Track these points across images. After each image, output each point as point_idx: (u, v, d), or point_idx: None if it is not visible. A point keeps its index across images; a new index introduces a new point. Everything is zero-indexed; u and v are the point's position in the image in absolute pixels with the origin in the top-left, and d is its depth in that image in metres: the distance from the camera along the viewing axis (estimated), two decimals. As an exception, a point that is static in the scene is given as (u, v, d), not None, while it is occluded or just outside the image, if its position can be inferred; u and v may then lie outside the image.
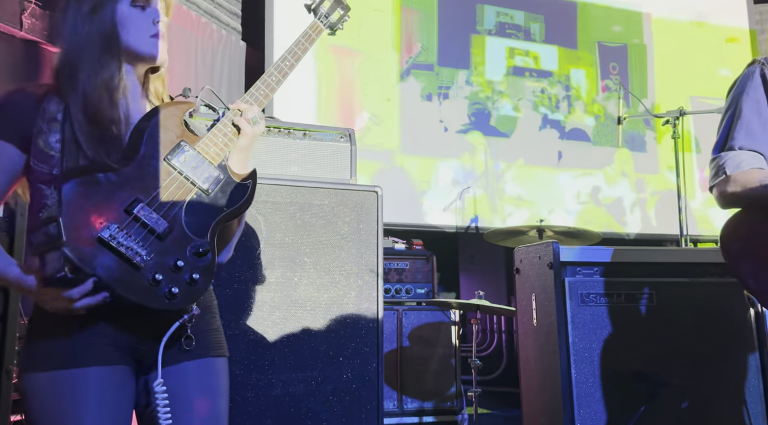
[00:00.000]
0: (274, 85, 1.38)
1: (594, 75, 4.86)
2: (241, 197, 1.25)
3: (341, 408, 2.04)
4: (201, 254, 1.16)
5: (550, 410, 2.10)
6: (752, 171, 1.52)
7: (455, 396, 3.10)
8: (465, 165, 4.31)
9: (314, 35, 1.51)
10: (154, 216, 1.13)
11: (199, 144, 1.23)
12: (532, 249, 2.26)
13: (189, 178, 1.19)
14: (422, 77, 4.46)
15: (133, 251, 1.09)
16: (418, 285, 3.32)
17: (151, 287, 1.10)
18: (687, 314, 2.08)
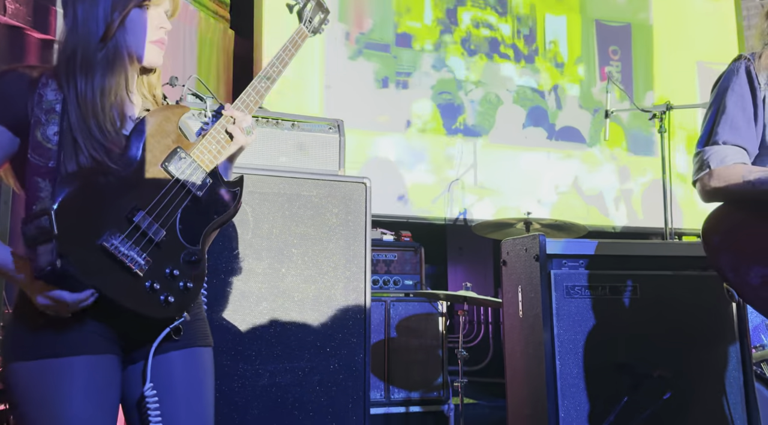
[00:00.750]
0: (263, 91, 1.40)
1: (592, 61, 4.64)
2: (230, 205, 1.27)
3: (328, 398, 2.06)
4: (194, 262, 1.18)
5: (535, 400, 2.12)
6: (736, 166, 1.54)
7: (442, 387, 3.13)
8: (434, 161, 4.32)
9: (300, 41, 1.53)
10: (153, 225, 1.14)
11: (193, 150, 1.24)
12: (519, 242, 2.27)
13: (185, 186, 1.20)
14: (375, 59, 4.16)
15: (132, 260, 1.10)
16: (406, 277, 3.34)
17: (149, 295, 1.12)
18: (670, 307, 2.11)
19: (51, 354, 1.09)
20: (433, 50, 4.35)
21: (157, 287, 1.12)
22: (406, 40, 4.29)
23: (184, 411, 1.20)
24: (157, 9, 1.22)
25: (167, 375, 1.20)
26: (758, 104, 1.56)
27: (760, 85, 1.56)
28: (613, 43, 4.79)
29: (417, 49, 4.30)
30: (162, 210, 1.16)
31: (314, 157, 2.28)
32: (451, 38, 4.40)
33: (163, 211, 1.16)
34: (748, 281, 1.46)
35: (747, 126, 1.56)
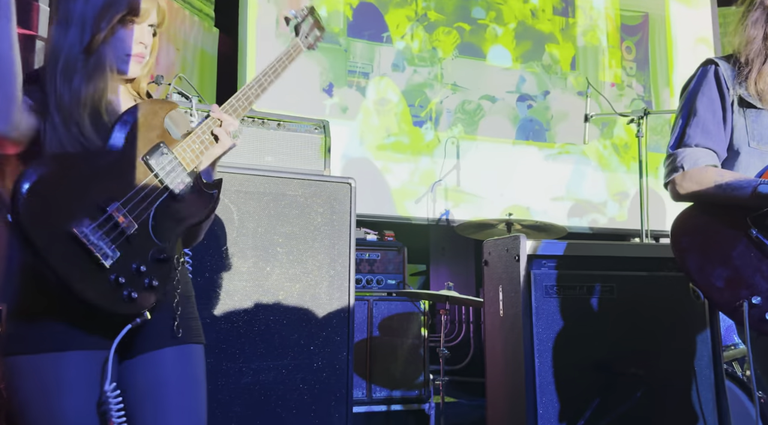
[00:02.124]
0: (253, 98, 1.41)
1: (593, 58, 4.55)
2: (206, 206, 1.26)
3: (311, 397, 2.08)
4: (162, 260, 1.16)
5: (514, 397, 2.17)
6: (708, 169, 1.59)
7: (423, 385, 3.16)
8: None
9: (295, 54, 1.56)
10: (126, 217, 1.12)
11: (176, 147, 1.23)
12: (500, 242, 2.32)
13: (163, 181, 1.19)
14: (323, 53, 3.84)
15: (101, 251, 1.08)
16: (389, 276, 3.37)
17: (113, 289, 1.09)
18: (645, 307, 2.17)
19: (46, 349, 1.10)
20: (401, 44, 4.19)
21: (122, 282, 1.09)
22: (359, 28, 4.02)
23: (176, 407, 1.21)
24: (142, 24, 1.23)
25: (162, 371, 1.21)
26: (727, 108, 1.61)
27: (729, 90, 1.61)
28: (628, 38, 4.71)
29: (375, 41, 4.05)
30: (137, 204, 1.14)
31: (300, 157, 2.30)
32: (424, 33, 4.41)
33: (138, 205, 1.14)
34: (713, 283, 1.50)
35: (717, 129, 1.61)
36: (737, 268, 1.48)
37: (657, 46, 4.88)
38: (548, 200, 4.52)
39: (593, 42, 4.73)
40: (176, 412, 1.21)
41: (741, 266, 1.48)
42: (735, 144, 1.62)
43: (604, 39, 4.75)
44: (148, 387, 1.18)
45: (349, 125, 4.08)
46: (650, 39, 4.87)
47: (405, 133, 4.26)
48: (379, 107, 4.16)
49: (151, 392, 1.19)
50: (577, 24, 4.70)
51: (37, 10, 2.73)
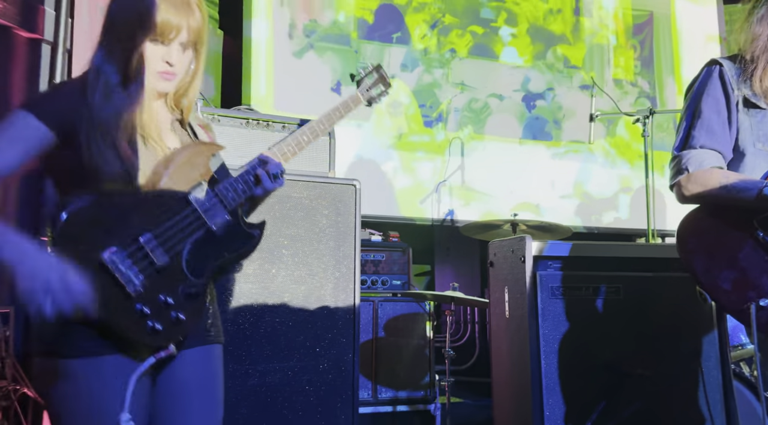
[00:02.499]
0: (304, 144, 1.45)
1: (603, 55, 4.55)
2: (245, 244, 1.28)
3: (317, 398, 2.08)
4: (192, 295, 1.17)
5: (520, 398, 2.16)
6: (713, 170, 1.58)
7: (429, 386, 3.16)
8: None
9: (353, 106, 1.61)
10: (158, 249, 1.14)
11: (218, 187, 1.26)
12: (506, 243, 2.31)
13: (201, 218, 1.21)
14: (330, 54, 3.97)
15: (127, 278, 1.10)
16: (394, 277, 3.37)
17: (137, 318, 1.11)
18: (651, 308, 2.16)
19: (87, 352, 1.11)
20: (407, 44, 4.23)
21: (146, 312, 1.11)
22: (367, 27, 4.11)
23: (198, 404, 1.23)
24: (170, 44, 1.23)
25: (188, 369, 1.22)
26: (732, 108, 1.60)
27: (734, 90, 1.60)
28: (635, 36, 4.70)
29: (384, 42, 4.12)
30: (171, 236, 1.16)
31: (305, 158, 2.30)
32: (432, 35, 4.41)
33: (172, 237, 1.16)
34: (720, 285, 1.49)
35: (722, 130, 1.60)
36: (744, 270, 1.48)
37: (662, 44, 4.86)
38: (556, 198, 4.50)
39: (601, 42, 4.72)
40: (198, 409, 1.23)
41: (748, 268, 1.47)
42: (740, 145, 1.61)
43: (613, 38, 4.74)
44: (174, 383, 1.20)
45: (360, 125, 4.08)
46: (655, 37, 4.85)
47: (414, 133, 4.26)
48: (390, 108, 4.16)
49: (176, 388, 1.20)
50: (585, 24, 4.69)
51: (43, 14, 2.74)
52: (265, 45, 3.86)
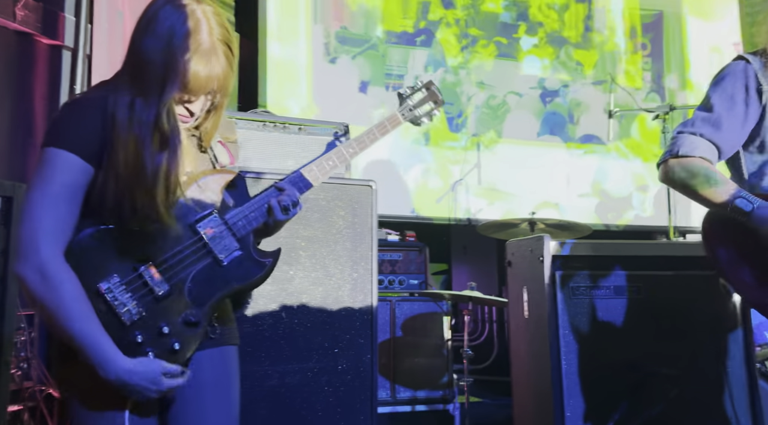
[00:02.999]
0: (329, 169, 1.39)
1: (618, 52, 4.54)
2: (255, 274, 1.25)
3: (336, 399, 2.08)
4: (191, 324, 1.16)
5: (540, 399, 2.15)
6: (702, 161, 1.55)
7: (447, 385, 3.15)
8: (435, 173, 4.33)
9: (390, 128, 1.49)
10: (156, 278, 1.14)
11: (228, 215, 1.23)
12: (524, 243, 2.30)
13: (207, 246, 1.19)
14: (360, 59, 4.04)
15: (123, 307, 1.11)
16: (411, 276, 3.36)
17: (133, 347, 1.11)
18: (673, 306, 2.13)
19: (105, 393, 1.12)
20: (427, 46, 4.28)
21: (139, 340, 1.11)
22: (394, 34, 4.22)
23: (213, 405, 1.24)
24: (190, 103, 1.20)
25: (201, 372, 1.23)
26: (750, 103, 1.56)
27: (762, 85, 1.56)
28: (644, 35, 4.71)
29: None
30: (174, 265, 1.16)
31: (321, 160, 2.30)
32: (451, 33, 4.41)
33: (175, 266, 1.16)
34: (742, 278, 1.48)
35: (729, 127, 1.56)
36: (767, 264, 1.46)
37: (672, 42, 4.81)
38: (574, 197, 4.46)
39: (612, 48, 4.70)
40: (213, 410, 1.24)
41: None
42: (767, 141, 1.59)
43: (622, 42, 4.72)
44: (188, 386, 1.20)
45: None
46: (665, 34, 4.80)
47: (431, 131, 4.25)
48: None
49: (190, 391, 1.20)
50: (595, 30, 4.67)
51: (63, 21, 2.79)
52: (305, 54, 3.97)
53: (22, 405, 2.18)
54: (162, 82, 1.12)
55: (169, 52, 1.12)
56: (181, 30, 1.13)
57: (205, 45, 1.14)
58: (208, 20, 1.16)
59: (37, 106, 2.67)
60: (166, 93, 1.13)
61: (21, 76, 2.62)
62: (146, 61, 1.13)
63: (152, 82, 1.13)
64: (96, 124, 1.12)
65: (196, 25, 1.14)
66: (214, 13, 1.18)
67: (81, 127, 1.12)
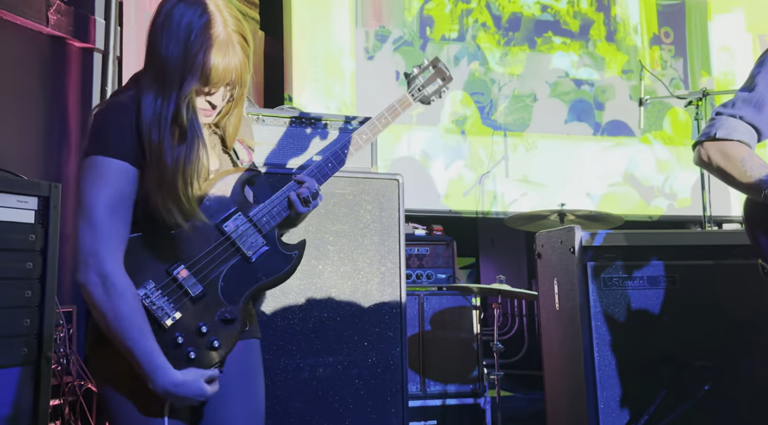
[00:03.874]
0: (344, 158, 1.42)
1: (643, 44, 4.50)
2: (283, 268, 1.27)
3: (367, 392, 2.09)
4: (227, 321, 1.19)
5: (574, 392, 2.12)
6: (740, 145, 1.50)
7: (477, 379, 3.14)
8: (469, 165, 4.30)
9: (401, 110, 1.51)
10: (191, 280, 1.17)
11: (252, 212, 1.26)
12: (554, 234, 2.27)
13: (235, 244, 1.22)
14: (396, 54, 4.10)
15: (162, 311, 1.14)
16: (439, 270, 3.35)
17: (173, 348, 1.14)
18: (710, 296, 2.08)
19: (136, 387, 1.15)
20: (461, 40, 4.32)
21: (180, 342, 1.15)
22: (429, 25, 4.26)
23: (238, 399, 1.26)
24: (210, 94, 1.21)
25: (227, 364, 1.24)
26: None
27: None
28: (666, 24, 4.65)
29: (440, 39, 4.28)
30: (205, 266, 1.18)
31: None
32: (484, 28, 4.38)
33: (206, 267, 1.19)
34: None
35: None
36: None
37: (695, 30, 4.70)
38: (606, 187, 4.39)
39: (635, 29, 4.61)
40: (239, 403, 1.26)
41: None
42: None
43: (646, 26, 4.62)
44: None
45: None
46: (687, 22, 4.69)
47: (458, 123, 4.23)
48: (436, 101, 4.17)
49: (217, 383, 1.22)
50: (617, 13, 4.59)
51: (94, 24, 2.85)
52: (349, 51, 4.02)
53: (62, 400, 2.24)
54: (181, 76, 1.14)
55: (187, 48, 1.14)
56: (197, 24, 1.14)
57: (221, 37, 1.16)
58: (221, 13, 1.18)
59: (70, 108, 2.74)
60: (185, 87, 1.15)
61: (54, 79, 2.69)
62: (166, 58, 1.15)
63: (172, 78, 1.15)
64: (132, 125, 1.15)
65: (210, 18, 1.16)
66: (225, 6, 1.20)
67: (123, 132, 1.15)
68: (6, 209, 1.85)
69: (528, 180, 4.29)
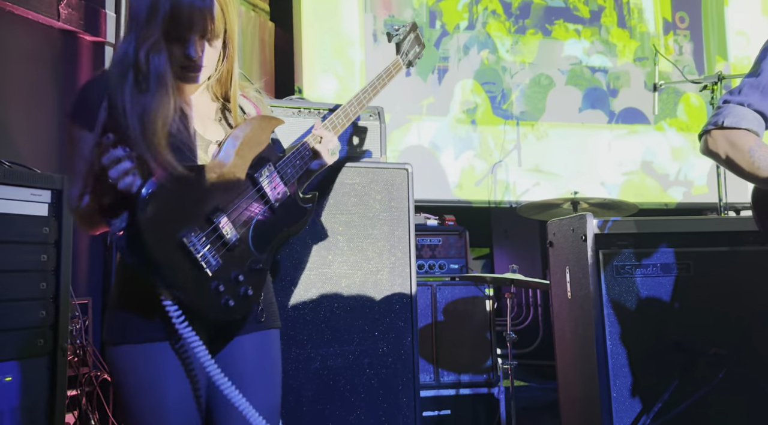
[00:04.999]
0: (352, 115, 1.48)
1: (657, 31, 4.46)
2: (300, 218, 1.31)
3: (378, 381, 2.10)
4: (257, 270, 1.21)
5: (586, 381, 2.11)
6: (748, 134, 1.47)
7: (491, 369, 3.13)
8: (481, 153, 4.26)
9: (395, 72, 1.61)
10: (230, 228, 1.17)
11: (279, 163, 1.29)
12: (566, 222, 2.24)
13: (266, 195, 1.25)
14: None
15: (205, 259, 1.13)
16: (452, 261, 3.34)
17: (213, 296, 1.15)
18: (724, 283, 2.05)
19: (147, 338, 1.16)
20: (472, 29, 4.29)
21: (221, 289, 1.14)
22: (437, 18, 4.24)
23: (256, 388, 1.26)
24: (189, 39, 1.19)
25: (245, 354, 1.26)
26: None
27: None
28: (681, 9, 4.59)
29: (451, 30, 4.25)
30: (240, 215, 1.20)
31: (356, 145, 2.30)
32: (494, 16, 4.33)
33: (241, 217, 1.20)
34: None
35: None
36: None
37: (710, 14, 4.59)
38: (620, 176, 4.33)
39: (649, 15, 4.53)
40: (256, 391, 1.26)
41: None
42: None
43: (660, 12, 4.54)
44: (232, 367, 1.23)
45: (418, 105, 4.07)
46: (703, 7, 4.59)
47: (469, 112, 4.20)
48: (447, 90, 4.15)
49: (233, 373, 1.22)
50: (632, 16, 4.53)
51: (105, 17, 2.86)
52: (358, 41, 4.01)
53: (79, 390, 2.28)
54: (146, 23, 1.15)
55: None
56: None
57: None
58: None
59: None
60: (145, 29, 1.14)
61: (66, 73, 2.71)
62: (133, 8, 1.18)
63: (137, 26, 1.15)
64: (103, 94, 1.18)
65: None
66: None
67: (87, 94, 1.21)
68: (20, 202, 1.88)
69: (541, 170, 4.25)
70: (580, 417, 2.17)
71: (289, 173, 1.29)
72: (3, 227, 1.83)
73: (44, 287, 1.94)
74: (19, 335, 1.86)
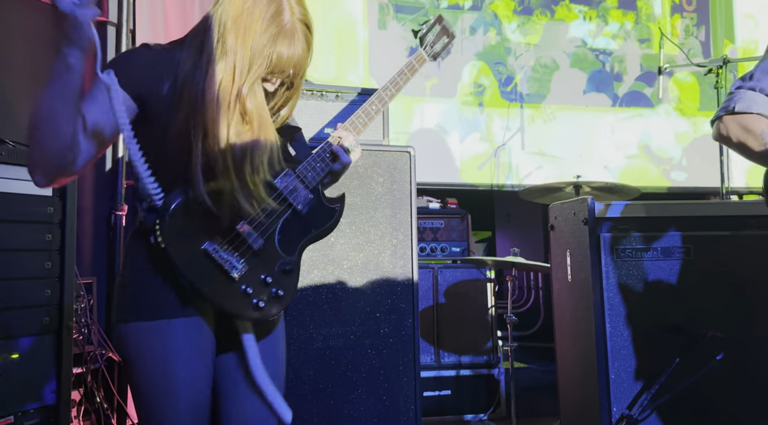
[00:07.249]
0: (374, 114, 1.49)
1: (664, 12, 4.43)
2: (328, 220, 1.35)
3: (379, 361, 2.13)
4: (287, 271, 1.26)
5: (585, 363, 2.13)
6: (760, 118, 1.46)
7: (492, 351, 3.16)
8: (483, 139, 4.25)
9: (418, 66, 1.61)
10: (253, 233, 1.22)
11: (299, 168, 1.32)
12: (567, 206, 2.25)
13: (287, 200, 1.28)
14: (409, 24, 4.04)
15: (230, 264, 1.19)
16: (453, 244, 3.35)
17: (242, 298, 1.20)
18: (725, 267, 2.06)
19: (159, 316, 1.19)
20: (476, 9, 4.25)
21: (249, 292, 1.20)
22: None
23: (271, 362, 1.29)
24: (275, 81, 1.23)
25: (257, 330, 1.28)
26: None
27: None
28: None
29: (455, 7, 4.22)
30: (263, 221, 1.24)
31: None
32: None
33: (264, 221, 1.24)
34: None
35: None
36: None
37: None
38: (622, 159, 4.32)
39: (652, 10, 4.48)
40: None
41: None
42: None
43: (658, 8, 4.49)
44: (237, 344, 1.25)
45: (421, 92, 4.04)
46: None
47: (474, 95, 4.18)
48: (452, 72, 4.12)
49: (239, 350, 1.25)
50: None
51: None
52: (361, 21, 3.99)
53: (85, 368, 2.31)
54: (249, 64, 1.16)
55: (256, 36, 1.15)
56: (267, 12, 1.16)
57: (287, 26, 1.17)
58: (289, 0, 1.19)
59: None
60: (252, 73, 1.16)
61: (69, 53, 2.70)
62: (232, 44, 1.15)
63: (240, 65, 1.15)
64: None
65: (278, 6, 1.17)
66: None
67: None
68: (24, 182, 1.89)
69: (544, 153, 4.23)
70: (579, 398, 2.20)
71: (310, 176, 1.32)
72: (8, 206, 1.85)
73: (49, 266, 1.96)
74: (25, 313, 1.88)
